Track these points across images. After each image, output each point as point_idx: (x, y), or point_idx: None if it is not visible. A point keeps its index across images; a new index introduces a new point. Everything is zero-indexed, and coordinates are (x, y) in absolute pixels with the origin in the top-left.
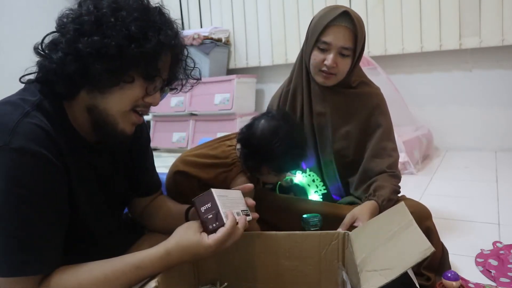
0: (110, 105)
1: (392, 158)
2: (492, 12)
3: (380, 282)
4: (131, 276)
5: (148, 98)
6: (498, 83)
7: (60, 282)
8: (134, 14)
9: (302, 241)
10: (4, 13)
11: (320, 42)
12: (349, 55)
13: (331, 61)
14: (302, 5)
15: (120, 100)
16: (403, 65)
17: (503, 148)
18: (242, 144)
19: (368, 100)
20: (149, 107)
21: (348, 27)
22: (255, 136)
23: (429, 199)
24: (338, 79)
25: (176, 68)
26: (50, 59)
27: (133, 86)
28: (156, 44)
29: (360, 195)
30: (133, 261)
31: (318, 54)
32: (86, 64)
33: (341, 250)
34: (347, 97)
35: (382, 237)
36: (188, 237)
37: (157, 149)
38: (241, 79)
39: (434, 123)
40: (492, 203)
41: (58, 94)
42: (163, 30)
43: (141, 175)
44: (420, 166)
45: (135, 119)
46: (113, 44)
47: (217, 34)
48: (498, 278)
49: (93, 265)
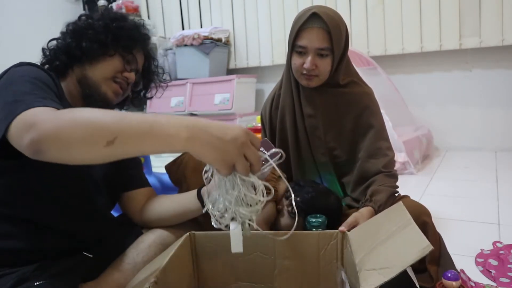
0: (95, 72)
1: (388, 157)
2: (492, 12)
3: (379, 281)
4: (143, 119)
5: (126, 73)
6: (498, 83)
7: (73, 109)
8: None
9: (301, 241)
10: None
11: (297, 47)
12: (327, 54)
13: (309, 64)
14: (302, 5)
15: (103, 69)
16: (403, 65)
17: (503, 148)
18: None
19: (358, 100)
20: (127, 83)
21: (320, 27)
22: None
23: (429, 199)
24: (322, 80)
25: (148, 69)
26: (53, 40)
27: (114, 59)
28: (132, 26)
29: (358, 197)
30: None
31: (297, 59)
32: (80, 39)
33: (339, 250)
34: (336, 96)
35: (381, 236)
36: None
37: None
38: (241, 79)
39: (434, 123)
40: (492, 203)
41: (56, 71)
42: (139, 28)
43: (126, 166)
44: (420, 166)
45: (115, 88)
46: (100, 23)
47: (217, 34)
48: (498, 278)
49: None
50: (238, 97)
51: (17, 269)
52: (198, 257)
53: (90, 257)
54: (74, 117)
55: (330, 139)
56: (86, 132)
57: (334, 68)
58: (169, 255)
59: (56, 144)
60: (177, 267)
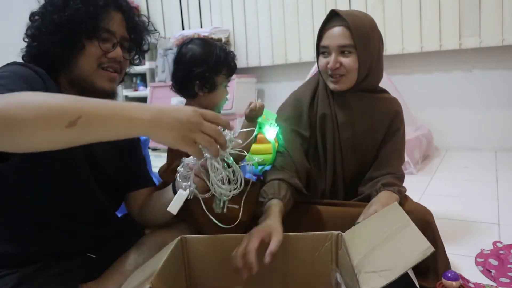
0: (80, 70)
1: (400, 160)
2: (492, 12)
3: (380, 284)
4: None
5: (110, 54)
6: (498, 83)
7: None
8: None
9: (295, 243)
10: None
11: (321, 48)
12: (351, 51)
13: (333, 63)
14: (302, 5)
15: (85, 63)
16: (403, 65)
17: (503, 148)
18: (181, 67)
19: (390, 105)
20: (117, 62)
21: (340, 25)
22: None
23: (429, 199)
24: (351, 80)
25: (134, 26)
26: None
27: (88, 48)
28: (79, 9)
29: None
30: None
31: (322, 59)
32: (42, 46)
33: (334, 251)
34: (371, 103)
35: (379, 237)
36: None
37: (157, 149)
38: (241, 79)
39: (434, 123)
40: (492, 203)
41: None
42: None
43: (131, 167)
44: (420, 166)
45: (108, 75)
46: (51, 18)
47: (217, 34)
48: (498, 278)
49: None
50: (238, 97)
51: (18, 269)
52: (190, 261)
53: (91, 257)
54: (27, 99)
55: (362, 151)
56: (43, 111)
57: (363, 68)
58: (162, 259)
59: (13, 128)
60: (171, 271)
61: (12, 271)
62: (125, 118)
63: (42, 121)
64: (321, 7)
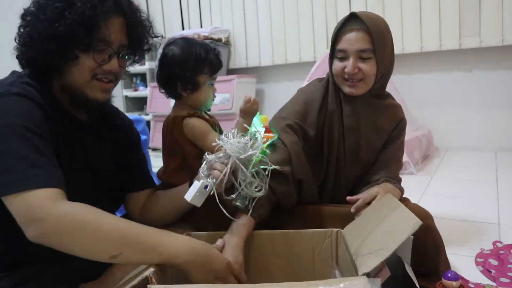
0: (73, 79)
1: (400, 165)
2: (492, 12)
3: (375, 262)
4: (149, 240)
5: (105, 66)
6: (498, 83)
7: (81, 208)
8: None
9: (295, 240)
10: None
11: (337, 51)
12: (370, 57)
13: (351, 67)
14: (302, 5)
15: (78, 73)
16: (403, 65)
17: (503, 148)
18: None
19: (395, 114)
20: (113, 74)
21: (360, 28)
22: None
23: (429, 199)
24: (368, 86)
25: (135, 31)
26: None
27: (81, 59)
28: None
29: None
30: (156, 230)
31: (338, 63)
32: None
33: (334, 248)
34: (378, 109)
35: (373, 224)
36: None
37: (157, 149)
38: (241, 79)
39: (434, 123)
40: (492, 203)
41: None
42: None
43: (131, 168)
44: (420, 166)
45: (102, 86)
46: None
47: (217, 34)
48: (498, 278)
49: (117, 218)
50: (238, 97)
51: (18, 270)
52: None
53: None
54: (80, 223)
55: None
56: (89, 241)
57: (380, 73)
58: None
59: (60, 245)
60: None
61: (12, 272)
62: (162, 256)
63: (89, 250)
64: (321, 7)
